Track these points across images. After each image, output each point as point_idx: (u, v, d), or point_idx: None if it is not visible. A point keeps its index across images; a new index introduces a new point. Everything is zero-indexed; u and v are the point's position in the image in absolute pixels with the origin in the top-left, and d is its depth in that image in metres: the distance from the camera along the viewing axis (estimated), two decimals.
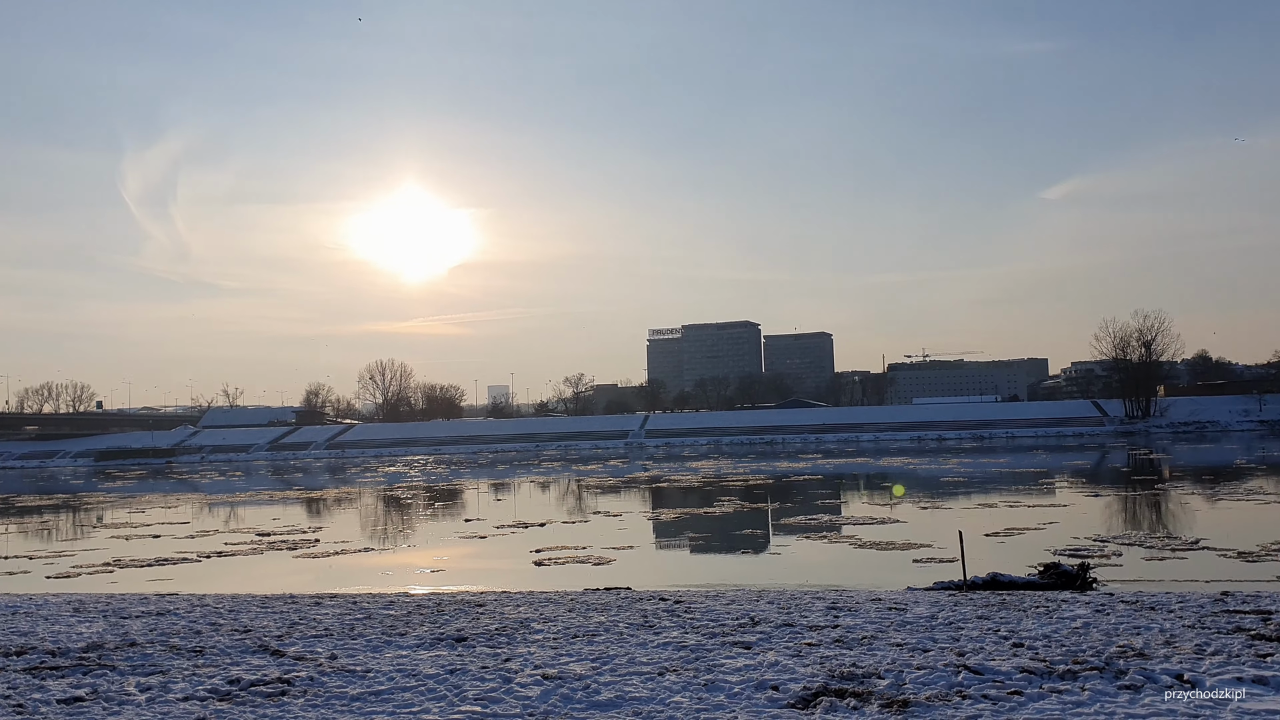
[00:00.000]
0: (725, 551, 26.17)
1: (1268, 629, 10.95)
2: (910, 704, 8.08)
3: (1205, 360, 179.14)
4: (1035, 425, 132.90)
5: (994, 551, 22.57)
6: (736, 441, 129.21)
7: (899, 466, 64.55)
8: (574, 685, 9.09)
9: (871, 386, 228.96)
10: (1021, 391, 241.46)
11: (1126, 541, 23.68)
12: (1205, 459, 63.66)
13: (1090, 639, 10.61)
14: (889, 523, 29.86)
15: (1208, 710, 7.64)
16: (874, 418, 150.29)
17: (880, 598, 14.68)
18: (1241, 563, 20.01)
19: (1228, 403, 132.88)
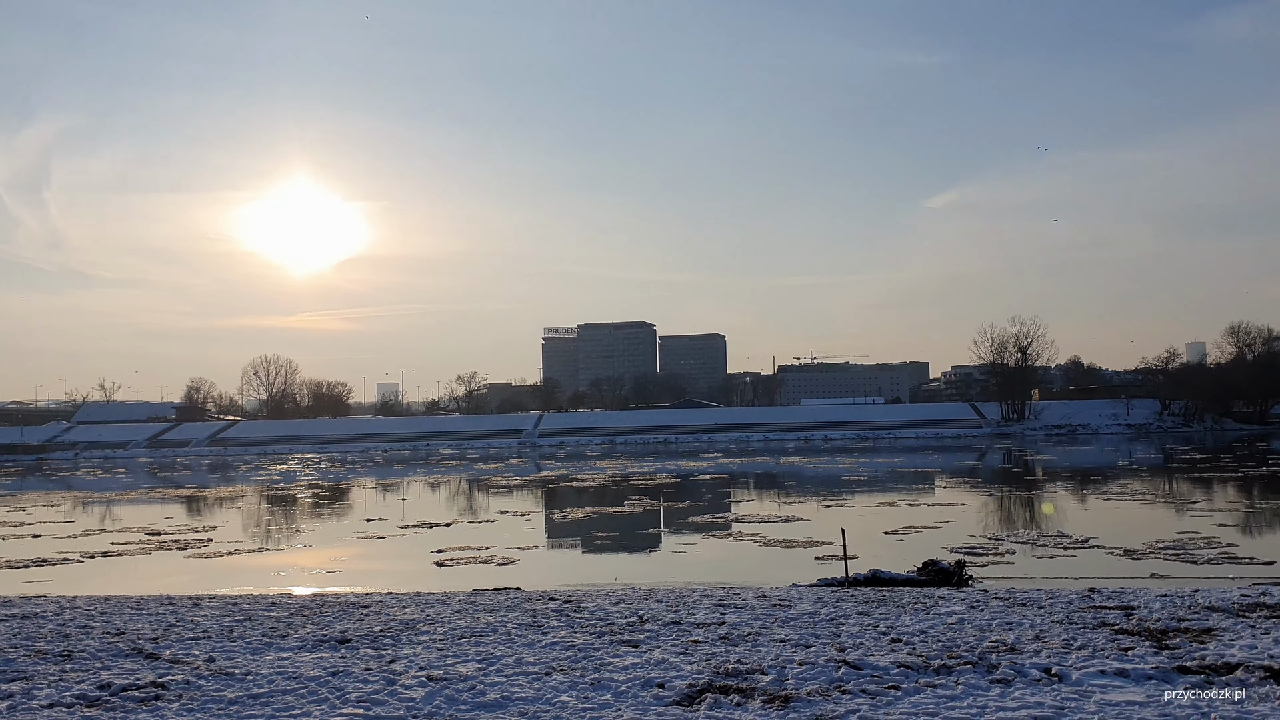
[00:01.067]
0: (629, 551, 26.29)
1: (1130, 624, 11.49)
2: (792, 699, 8.25)
3: (1077, 366, 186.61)
4: (917, 426, 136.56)
5: (893, 549, 23.12)
6: (630, 441, 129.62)
7: (799, 466, 65.71)
8: (459, 686, 9.02)
9: (762, 387, 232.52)
10: (904, 394, 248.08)
11: (1020, 540, 24.58)
12: (1086, 460, 66.47)
13: (965, 634, 10.99)
14: (793, 521, 30.36)
15: (1073, 702, 7.98)
16: (764, 418, 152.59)
17: (766, 595, 14.93)
18: (1127, 559, 20.98)
19: (1097, 407, 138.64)
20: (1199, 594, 14.10)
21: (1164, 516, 30.54)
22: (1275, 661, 9.06)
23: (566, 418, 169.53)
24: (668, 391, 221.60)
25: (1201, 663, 9.14)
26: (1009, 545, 23.47)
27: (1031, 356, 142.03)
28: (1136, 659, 9.42)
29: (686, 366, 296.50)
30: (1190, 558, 20.80)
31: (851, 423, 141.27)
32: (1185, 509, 32.30)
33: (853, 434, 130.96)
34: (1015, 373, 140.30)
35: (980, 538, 25.03)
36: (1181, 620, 11.62)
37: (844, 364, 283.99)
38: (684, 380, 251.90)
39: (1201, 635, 10.63)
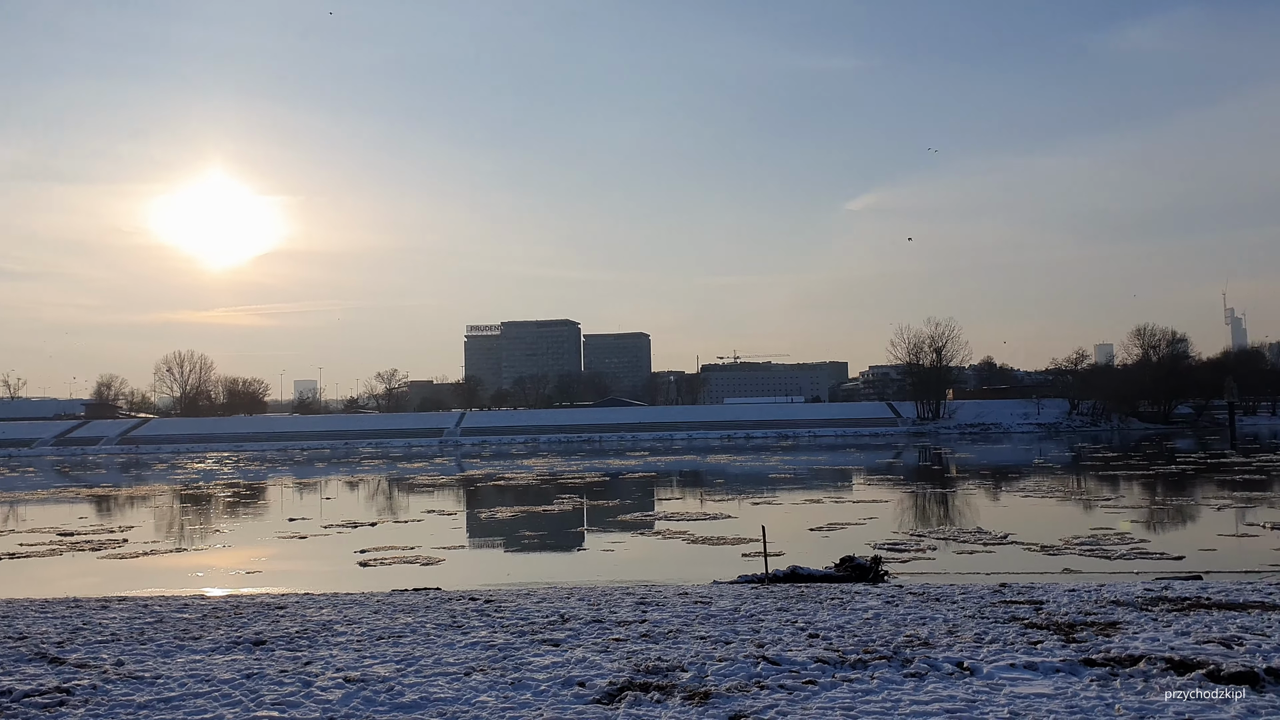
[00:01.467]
0: (555, 550, 26.21)
1: (1039, 618, 11.80)
2: (711, 695, 8.32)
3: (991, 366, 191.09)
4: (835, 425, 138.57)
5: (819, 545, 23.37)
6: (554, 440, 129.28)
7: (725, 464, 66.29)
8: (377, 687, 8.92)
9: (686, 386, 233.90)
10: (824, 393, 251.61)
11: (941, 536, 25.09)
12: (1001, 458, 68.11)
13: (880, 629, 11.19)
14: (721, 518, 30.57)
15: (984, 695, 8.17)
16: (688, 416, 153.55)
17: (688, 592, 15.02)
18: (1044, 555, 21.54)
19: (1009, 406, 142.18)
20: (1105, 589, 14.54)
21: (1079, 513, 31.44)
22: (1176, 653, 9.39)
23: (489, 416, 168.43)
24: (592, 390, 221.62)
25: (1107, 655, 9.42)
26: (931, 541, 23.97)
27: (946, 357, 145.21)
28: (1045, 652, 9.68)
29: (611, 365, 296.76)
30: (1104, 553, 21.46)
31: (773, 421, 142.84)
32: (1099, 506, 33.31)
33: (774, 432, 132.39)
34: (931, 373, 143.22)
35: (903, 534, 25.57)
36: (1088, 614, 11.98)
37: (766, 363, 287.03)
38: (608, 379, 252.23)
39: (1107, 629, 10.97)
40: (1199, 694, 8.03)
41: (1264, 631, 10.50)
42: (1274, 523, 25.92)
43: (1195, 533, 25.65)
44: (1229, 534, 24.68)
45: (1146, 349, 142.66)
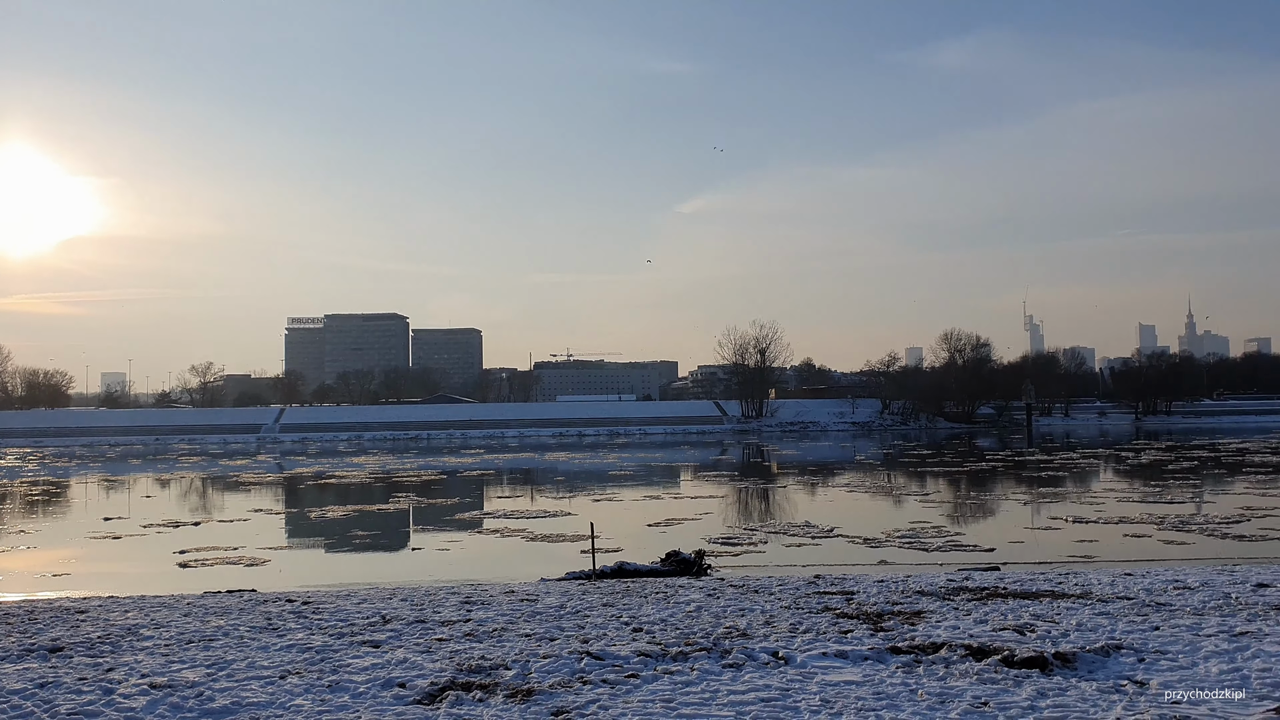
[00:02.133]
0: (388, 550, 25.69)
1: (850, 608, 12.32)
2: (534, 693, 8.33)
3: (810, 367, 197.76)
4: (665, 423, 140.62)
5: (657, 540, 23.61)
6: (380, 438, 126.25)
7: (564, 462, 66.24)
8: (185, 694, 8.54)
9: (519, 384, 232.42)
10: (654, 391, 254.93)
11: (772, 529, 25.89)
12: (825, 455, 70.79)
13: (701, 621, 11.45)
14: (561, 516, 30.59)
15: (797, 684, 8.47)
16: (520, 414, 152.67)
17: (514, 590, 14.98)
18: (867, 548, 22.59)
19: (827, 405, 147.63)
20: (911, 579, 15.30)
21: (899, 508, 33.19)
22: (975, 640, 9.97)
23: (311, 412, 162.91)
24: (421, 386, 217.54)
25: (912, 643, 9.92)
26: (762, 535, 24.77)
27: (770, 358, 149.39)
28: (855, 641, 10.11)
29: (441, 361, 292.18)
30: (922, 545, 22.68)
31: (605, 419, 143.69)
32: (918, 501, 35.24)
33: (606, 430, 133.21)
34: (755, 373, 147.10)
35: (737, 528, 26.39)
36: (895, 604, 12.58)
37: (599, 362, 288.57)
38: (438, 375, 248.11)
39: (912, 617, 11.55)
40: (994, 678, 8.55)
41: (1054, 619, 11.26)
42: (1075, 516, 27.90)
43: (1005, 526, 27.34)
44: (1036, 527, 26.48)
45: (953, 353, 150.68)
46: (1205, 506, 30.20)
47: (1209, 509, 29.36)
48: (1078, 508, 30.45)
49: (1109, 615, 11.41)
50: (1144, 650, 9.44)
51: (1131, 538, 23.63)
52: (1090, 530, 25.14)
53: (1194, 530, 24.48)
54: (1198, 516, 27.21)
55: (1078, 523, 26.68)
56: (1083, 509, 30.00)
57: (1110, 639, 9.93)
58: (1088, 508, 30.38)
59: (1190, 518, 26.94)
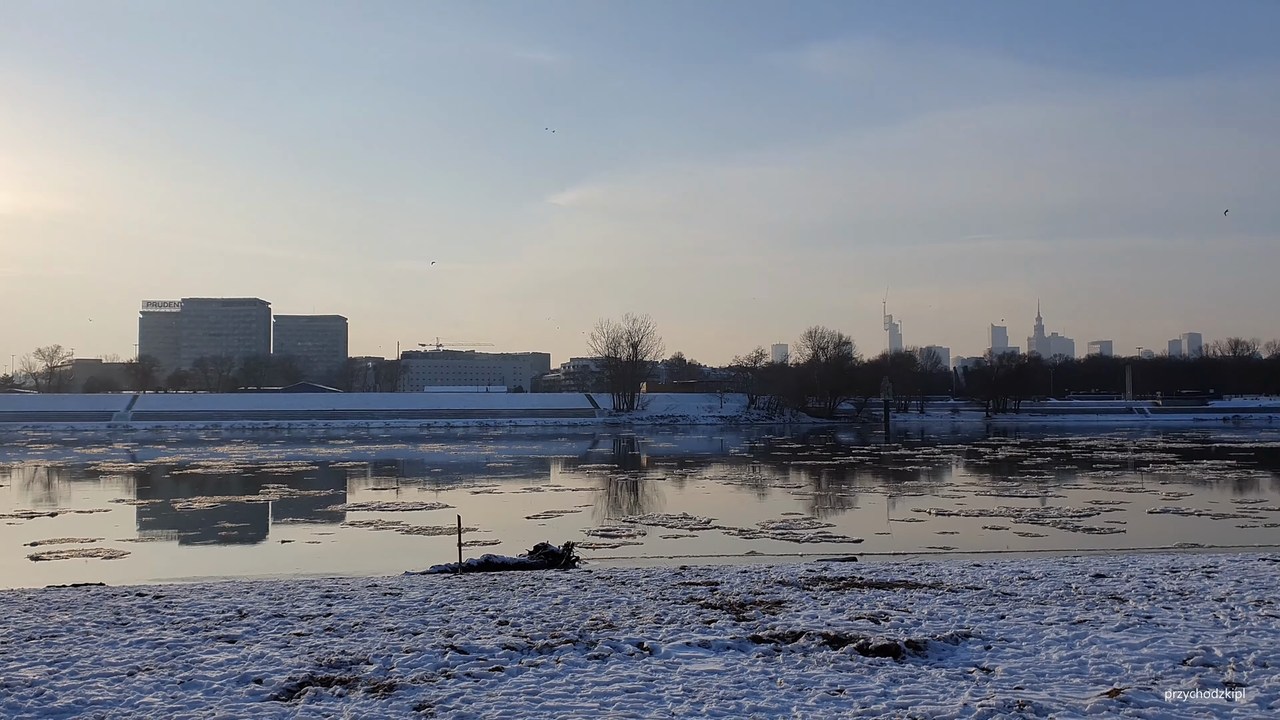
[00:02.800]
0: (254, 542, 24.94)
1: (714, 598, 12.53)
2: (396, 687, 8.21)
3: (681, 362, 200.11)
4: (537, 415, 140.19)
5: (536, 533, 23.46)
6: (239, 426, 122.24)
7: (442, 453, 65.32)
8: (24, 693, 8.11)
9: (385, 373, 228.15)
10: (526, 383, 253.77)
11: (651, 522, 26.16)
12: (700, 448, 72.03)
13: (568, 614, 11.48)
14: (434, 508, 30.12)
15: (661, 674, 8.58)
16: (386, 404, 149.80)
17: (377, 584, 14.72)
18: (742, 539, 23.00)
19: (696, 400, 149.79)
20: (773, 570, 15.66)
21: (774, 500, 33.99)
22: (832, 629, 10.27)
23: (166, 399, 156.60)
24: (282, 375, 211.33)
25: (772, 632, 10.16)
26: (641, 527, 25.03)
27: (642, 352, 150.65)
28: (718, 631, 10.30)
29: (304, 348, 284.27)
30: (794, 537, 23.27)
31: (475, 410, 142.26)
32: (792, 493, 36.34)
33: (476, 422, 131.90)
34: (627, 366, 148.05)
35: (616, 520, 26.69)
36: (758, 594, 12.85)
37: (469, 352, 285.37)
38: (301, 363, 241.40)
39: (773, 607, 11.82)
40: (850, 666, 8.83)
41: (907, 608, 11.68)
42: (938, 509, 29.04)
43: (872, 518, 28.26)
44: (901, 519, 27.48)
45: (817, 350, 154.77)
46: (1058, 501, 31.73)
47: (1062, 503, 30.87)
48: (940, 501, 31.71)
49: (958, 605, 11.90)
50: (991, 638, 9.89)
51: (990, 530, 24.68)
52: (952, 523, 26.16)
53: (1048, 523, 25.70)
54: (1052, 510, 28.58)
55: (940, 515, 27.73)
56: (945, 502, 31.24)
57: (959, 627, 10.36)
58: (949, 501, 31.65)
59: (1045, 511, 28.29)
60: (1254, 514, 27.82)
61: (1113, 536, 23.29)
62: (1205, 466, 47.78)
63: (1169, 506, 29.67)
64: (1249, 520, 26.35)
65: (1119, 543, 22.26)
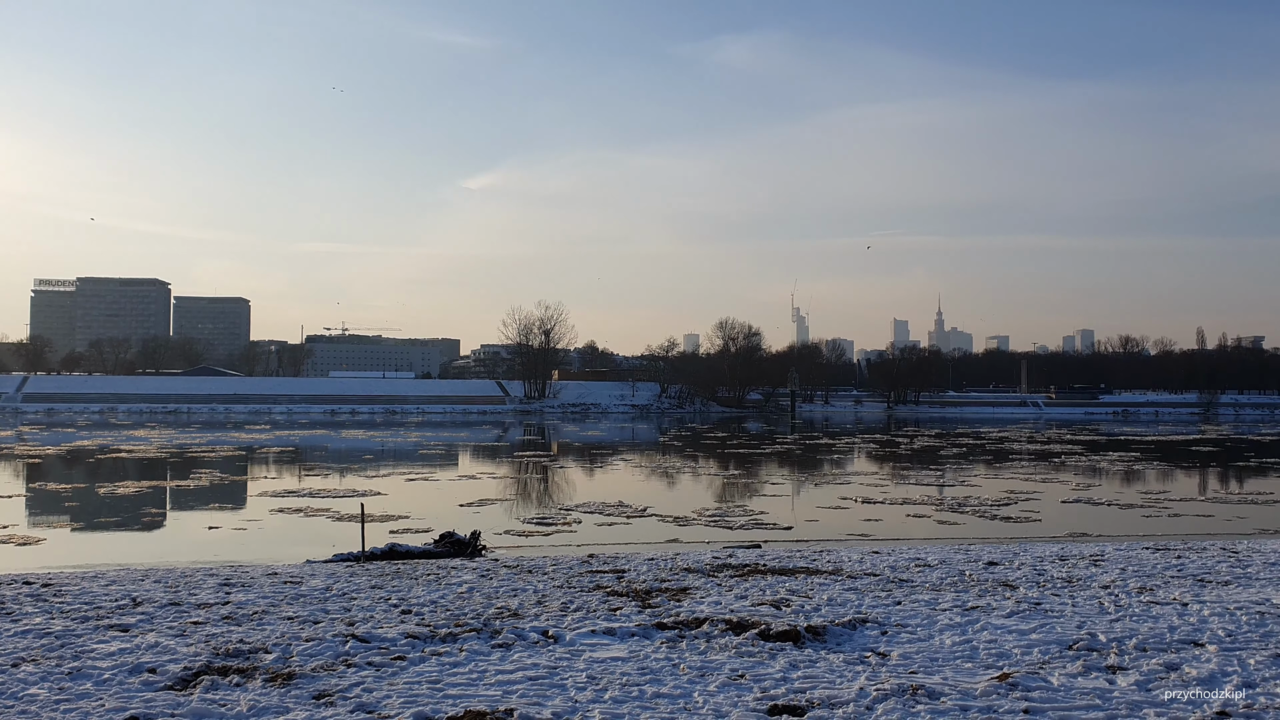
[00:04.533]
0: (149, 529, 24.08)
1: (620, 585, 12.60)
2: (295, 676, 8.09)
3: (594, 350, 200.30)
4: (446, 402, 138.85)
5: (469, 520, 23.18)
6: (135, 410, 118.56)
7: (365, 440, 64.21)
8: None
9: (289, 357, 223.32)
10: (435, 369, 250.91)
11: (587, 509, 26.16)
12: (625, 436, 72.61)
13: (473, 602, 11.43)
14: (370, 495, 29.62)
15: (565, 661, 8.61)
16: (289, 389, 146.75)
17: (277, 572, 14.47)
18: (676, 526, 23.26)
19: (608, 388, 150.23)
20: (680, 557, 15.81)
21: (708, 487, 34.76)
22: (735, 615, 10.42)
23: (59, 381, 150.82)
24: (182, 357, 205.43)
25: (676, 618, 10.27)
26: (577, 515, 25.10)
27: (554, 339, 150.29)
28: (623, 618, 10.37)
29: (205, 331, 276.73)
30: (727, 524, 23.59)
31: (381, 397, 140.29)
32: (724, 481, 37.02)
33: (382, 408, 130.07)
34: (539, 354, 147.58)
35: (552, 508, 26.65)
36: (663, 581, 12.97)
37: (376, 337, 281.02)
38: (202, 346, 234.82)
39: (679, 594, 11.94)
40: (752, 651, 8.97)
41: (807, 594, 11.92)
42: (864, 497, 29.83)
43: (801, 505, 28.74)
44: (828, 506, 28.06)
45: (727, 340, 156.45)
46: (975, 490, 32.73)
47: (979, 492, 31.91)
48: (865, 489, 32.63)
49: (857, 591, 12.18)
50: (887, 624, 10.15)
51: (913, 518, 25.42)
52: (877, 510, 26.93)
53: (967, 512, 26.51)
54: (971, 499, 29.46)
55: (866, 503, 28.50)
56: (870, 490, 32.24)
57: (857, 613, 10.61)
58: (874, 489, 32.66)
59: (964, 500, 29.17)
60: (1159, 504, 29.09)
61: (1029, 525, 24.08)
62: (1113, 458, 49.79)
63: (1080, 496, 30.84)
64: (1154, 510, 27.50)
65: (1034, 530, 23.05)
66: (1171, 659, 8.62)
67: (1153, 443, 66.24)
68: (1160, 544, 18.23)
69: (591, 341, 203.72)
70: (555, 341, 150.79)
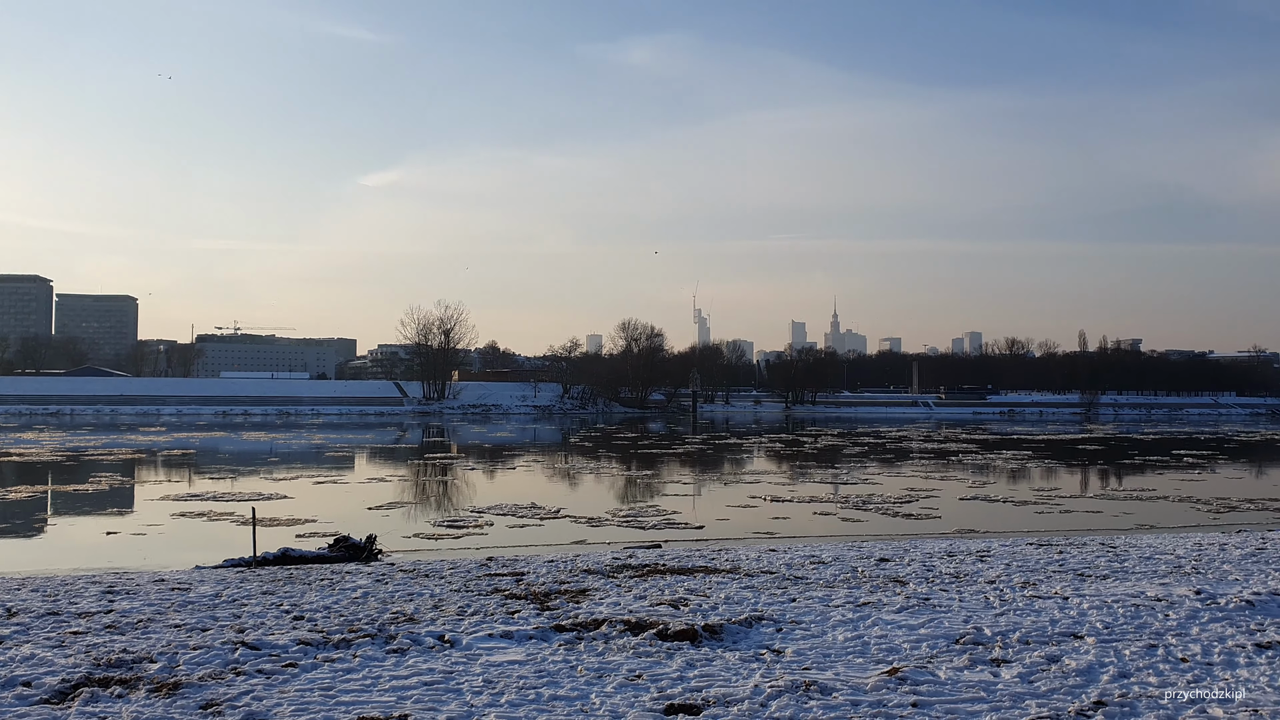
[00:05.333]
0: (28, 535, 22.90)
1: (519, 589, 12.54)
2: (182, 685, 7.86)
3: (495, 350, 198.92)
4: (342, 403, 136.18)
5: (380, 523, 22.64)
6: (12, 411, 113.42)
7: (266, 442, 62.70)
8: None
9: (178, 357, 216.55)
10: (331, 370, 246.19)
11: (499, 511, 25.87)
12: (530, 437, 72.12)
13: (368, 607, 11.25)
14: (278, 498, 28.92)
15: (461, 666, 8.54)
16: (179, 390, 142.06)
17: (164, 579, 14.02)
18: (589, 527, 23.27)
19: (509, 389, 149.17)
20: (580, 559, 15.81)
21: (619, 488, 34.99)
22: (633, 615, 10.46)
23: None
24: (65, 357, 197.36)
25: (575, 620, 10.27)
26: (489, 517, 24.83)
27: (454, 339, 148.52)
28: (521, 621, 10.32)
29: (90, 330, 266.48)
30: (639, 524, 23.69)
31: (275, 398, 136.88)
32: (639, 481, 37.24)
33: (275, 409, 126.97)
34: (439, 354, 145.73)
35: (465, 510, 26.31)
36: (563, 583, 12.95)
37: (270, 337, 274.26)
38: (86, 345, 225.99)
39: (578, 595, 11.94)
40: (649, 651, 9.03)
41: (705, 593, 12.03)
42: (773, 496, 30.34)
43: (712, 504, 29.03)
44: (738, 505, 28.42)
45: (630, 341, 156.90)
46: (878, 488, 33.60)
47: (882, 489, 32.81)
48: (773, 488, 33.23)
49: (754, 589, 12.34)
50: (782, 621, 10.31)
51: (820, 515, 25.94)
52: (785, 508, 27.43)
53: (871, 509, 27.17)
54: (875, 497, 30.20)
55: (775, 501, 29.02)
56: (778, 489, 32.85)
57: (753, 611, 10.76)
58: (782, 488, 33.35)
59: (869, 498, 29.90)
60: (1050, 500, 30.31)
61: (929, 522, 24.74)
62: (1007, 457, 51.65)
63: (977, 494, 31.95)
64: (1046, 507, 28.59)
65: (936, 527, 23.76)
66: (1052, 651, 8.95)
67: (1044, 442, 68.76)
68: (1043, 540, 18.90)
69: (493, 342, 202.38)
70: (455, 342, 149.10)
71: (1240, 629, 9.90)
